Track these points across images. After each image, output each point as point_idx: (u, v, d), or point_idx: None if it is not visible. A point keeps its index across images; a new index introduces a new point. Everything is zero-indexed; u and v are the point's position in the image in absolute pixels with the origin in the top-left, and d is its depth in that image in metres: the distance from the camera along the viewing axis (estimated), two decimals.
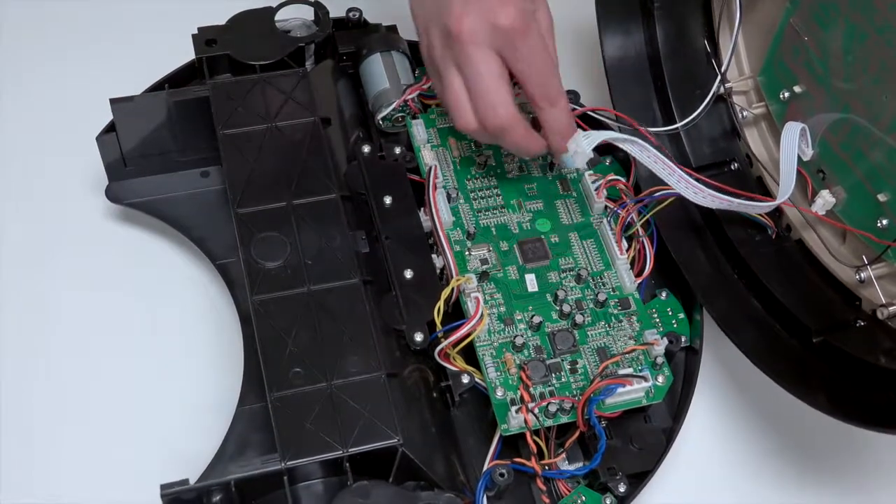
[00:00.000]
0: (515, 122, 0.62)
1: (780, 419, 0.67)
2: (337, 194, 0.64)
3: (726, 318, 0.64)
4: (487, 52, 0.60)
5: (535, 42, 0.60)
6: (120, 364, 0.67)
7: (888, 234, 0.58)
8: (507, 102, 0.61)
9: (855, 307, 0.63)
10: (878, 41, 0.55)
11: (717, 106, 0.70)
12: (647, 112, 0.71)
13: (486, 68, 0.60)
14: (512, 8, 0.59)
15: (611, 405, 0.61)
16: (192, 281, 0.70)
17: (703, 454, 0.66)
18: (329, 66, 0.73)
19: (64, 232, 0.72)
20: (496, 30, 0.59)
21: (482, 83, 0.61)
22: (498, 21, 0.59)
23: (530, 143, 0.63)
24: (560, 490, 0.60)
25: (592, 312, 0.64)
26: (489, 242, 0.67)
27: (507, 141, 0.63)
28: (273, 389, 0.57)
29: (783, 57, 0.63)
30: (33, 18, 0.82)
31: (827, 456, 0.67)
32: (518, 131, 0.62)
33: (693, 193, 0.63)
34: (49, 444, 0.64)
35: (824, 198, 0.62)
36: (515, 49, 0.60)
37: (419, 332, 0.61)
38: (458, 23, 0.60)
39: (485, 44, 0.60)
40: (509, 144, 0.63)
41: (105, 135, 0.68)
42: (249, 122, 0.67)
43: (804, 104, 0.63)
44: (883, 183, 0.58)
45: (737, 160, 0.70)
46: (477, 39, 0.60)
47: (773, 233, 0.67)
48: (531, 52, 0.60)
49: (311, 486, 0.56)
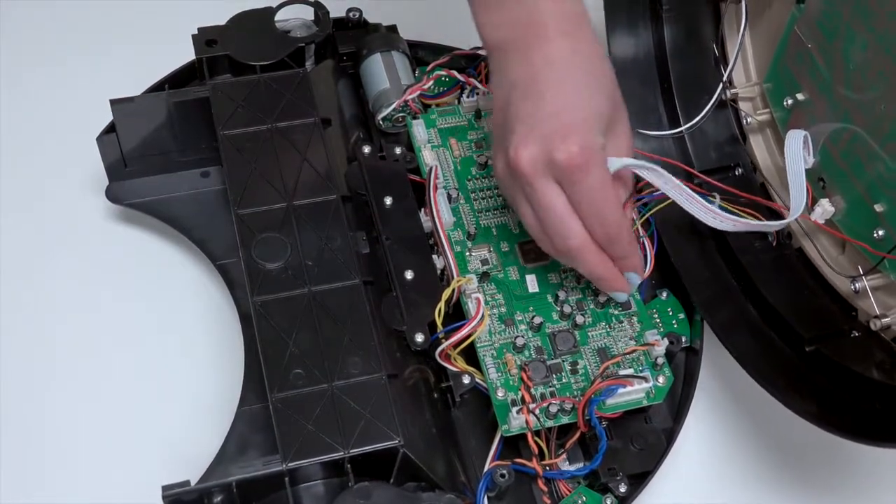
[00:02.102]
0: (588, 250, 0.59)
1: (781, 420, 0.67)
2: (337, 195, 0.64)
3: (722, 324, 0.64)
4: (549, 184, 0.58)
5: (593, 180, 0.57)
6: (120, 365, 0.67)
7: (884, 244, 0.58)
8: (578, 233, 0.58)
9: (851, 318, 0.63)
10: (878, 49, 0.55)
11: (723, 111, 0.70)
12: (653, 114, 0.71)
13: (550, 200, 0.58)
14: (573, 143, 0.56)
15: (611, 406, 0.61)
16: (193, 281, 0.70)
17: (704, 455, 0.66)
18: (329, 66, 0.73)
19: (64, 232, 0.72)
20: (553, 164, 0.57)
21: (548, 216, 0.58)
22: (555, 156, 0.56)
23: (605, 269, 0.61)
24: (561, 490, 0.60)
25: (593, 313, 0.64)
26: (490, 243, 0.67)
27: (581, 268, 0.61)
28: (274, 390, 0.57)
29: (788, 64, 0.63)
30: (33, 19, 0.82)
31: (827, 457, 0.67)
32: (590, 259, 0.60)
33: (712, 219, 0.63)
34: (50, 445, 0.64)
35: (824, 206, 0.62)
36: (573, 185, 0.57)
37: (420, 332, 0.61)
38: (516, 154, 0.57)
39: (545, 176, 0.58)
40: (584, 272, 0.61)
41: (105, 135, 0.68)
42: (250, 123, 0.67)
43: (807, 112, 0.63)
44: (880, 193, 0.58)
45: (741, 165, 0.70)
46: (537, 172, 0.57)
47: (774, 240, 0.67)
48: (589, 190, 0.57)
49: (313, 487, 0.56)
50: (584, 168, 0.56)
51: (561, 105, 0.57)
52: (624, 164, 0.60)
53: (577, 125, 0.57)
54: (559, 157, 0.56)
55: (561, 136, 0.56)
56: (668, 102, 0.71)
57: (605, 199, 0.58)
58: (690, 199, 0.63)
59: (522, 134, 0.57)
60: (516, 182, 0.59)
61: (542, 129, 0.57)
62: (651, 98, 0.71)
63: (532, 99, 0.58)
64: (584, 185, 0.57)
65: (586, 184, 0.57)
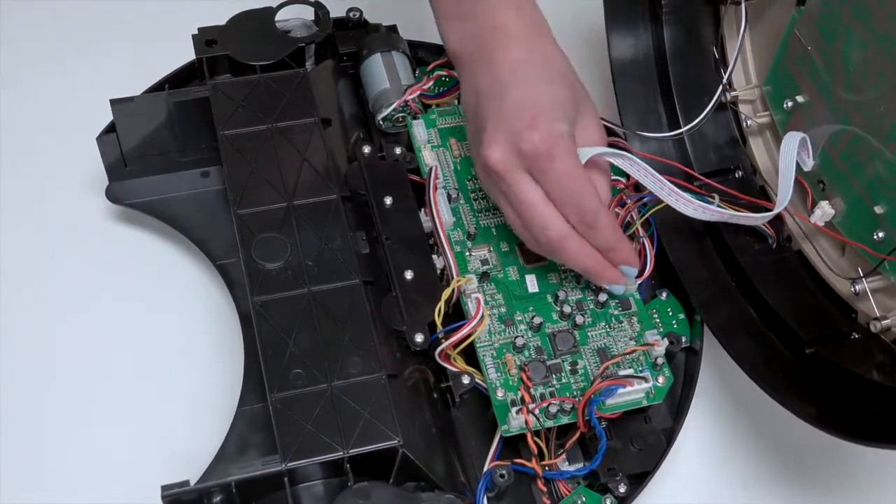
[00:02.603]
0: (570, 240, 0.60)
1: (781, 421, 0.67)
2: (337, 195, 0.64)
3: (721, 326, 0.64)
4: (523, 177, 0.59)
5: (561, 166, 0.58)
6: (120, 364, 0.67)
7: (884, 246, 0.58)
8: (556, 223, 0.59)
9: (851, 320, 0.63)
10: (878, 50, 0.55)
11: (723, 113, 0.70)
12: (653, 116, 0.71)
13: (525, 193, 0.59)
14: (536, 132, 0.57)
15: (611, 406, 0.61)
16: (193, 281, 0.70)
17: (704, 455, 0.66)
18: (329, 66, 0.73)
19: (64, 232, 0.72)
20: (522, 155, 0.58)
21: (524, 209, 0.59)
22: (522, 147, 0.58)
23: (592, 261, 0.61)
24: (560, 491, 0.60)
25: (593, 313, 0.64)
26: (489, 243, 0.67)
27: (566, 259, 0.61)
28: (274, 390, 0.57)
29: (788, 66, 0.63)
30: (33, 19, 0.82)
31: (827, 457, 0.67)
32: (574, 249, 0.60)
33: (684, 206, 0.63)
34: (50, 445, 0.64)
35: (823, 209, 0.62)
36: (543, 173, 0.58)
37: (420, 332, 0.61)
38: (487, 152, 0.59)
39: (517, 169, 0.59)
40: (571, 264, 0.61)
41: (105, 135, 0.68)
42: (250, 123, 0.67)
43: (807, 114, 0.63)
44: (880, 195, 0.58)
45: (741, 168, 0.69)
46: (508, 167, 0.58)
47: (774, 242, 0.67)
48: (558, 177, 0.58)
49: (312, 487, 0.56)
50: (550, 154, 0.58)
51: (523, 99, 0.59)
52: (594, 152, 0.61)
53: (540, 115, 0.58)
54: (525, 147, 0.58)
55: (526, 128, 0.58)
56: (667, 104, 0.71)
57: (578, 186, 0.59)
58: (665, 187, 0.63)
59: (490, 133, 0.59)
60: (493, 182, 0.60)
61: (507, 125, 0.58)
62: (651, 100, 0.71)
63: (497, 99, 0.59)
64: (553, 172, 0.58)
65: (555, 171, 0.58)
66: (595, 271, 0.62)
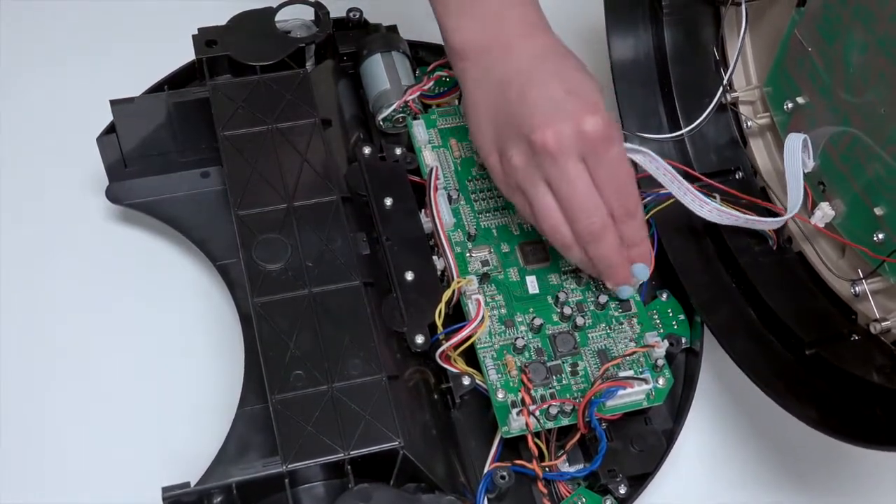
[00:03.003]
0: (610, 230, 0.60)
1: (781, 422, 0.67)
2: (337, 196, 0.64)
3: (721, 327, 0.64)
4: (576, 162, 0.59)
5: (618, 151, 0.59)
6: (120, 365, 0.67)
7: (884, 248, 0.58)
8: (602, 210, 0.59)
9: (851, 321, 0.63)
10: (878, 52, 0.55)
11: (723, 115, 0.70)
12: (654, 117, 0.71)
13: (578, 176, 0.59)
14: (599, 116, 0.58)
15: (611, 407, 0.61)
16: (193, 282, 0.70)
17: (704, 456, 0.66)
18: (329, 66, 0.73)
19: (64, 232, 0.72)
20: (582, 137, 0.58)
21: (576, 192, 0.59)
22: (585, 128, 0.58)
23: (620, 257, 0.61)
24: (561, 492, 0.60)
25: (593, 314, 0.64)
26: (490, 244, 0.66)
27: (600, 251, 0.61)
28: (274, 392, 0.57)
29: (788, 67, 0.63)
30: (33, 19, 0.82)
31: (827, 459, 0.67)
32: (610, 240, 0.60)
33: (699, 207, 0.64)
34: (50, 446, 0.64)
35: (823, 210, 0.62)
36: (599, 158, 0.58)
37: (420, 334, 0.61)
38: (542, 134, 0.58)
39: (573, 153, 0.58)
40: (601, 256, 0.61)
41: (105, 136, 0.68)
42: (250, 124, 0.67)
43: (807, 115, 0.63)
44: (880, 197, 0.58)
45: (741, 169, 0.70)
46: (565, 149, 0.58)
47: (774, 244, 0.67)
48: (613, 161, 0.59)
49: (313, 488, 0.56)
50: (610, 139, 0.58)
51: (573, 86, 0.59)
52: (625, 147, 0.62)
53: (596, 101, 0.59)
54: (588, 128, 0.58)
55: (589, 112, 0.58)
56: (668, 105, 0.71)
57: (628, 173, 0.60)
58: (682, 187, 0.63)
59: (545, 115, 0.58)
60: (537, 166, 0.59)
61: (565, 108, 0.58)
62: (651, 101, 0.71)
63: (538, 86, 0.59)
64: (609, 157, 0.59)
65: (611, 156, 0.59)
66: (618, 268, 0.62)
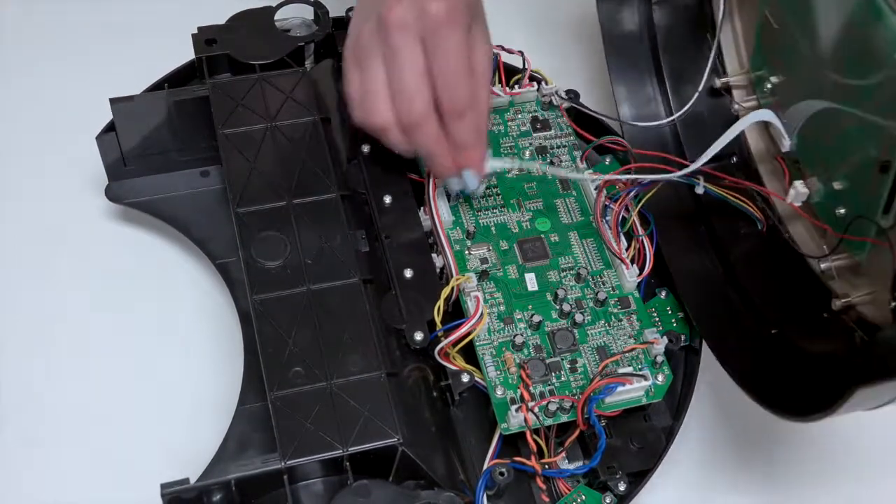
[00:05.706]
0: (430, 119, 0.60)
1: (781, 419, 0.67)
2: (337, 193, 0.64)
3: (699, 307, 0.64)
4: (413, 42, 0.59)
5: (456, 40, 0.59)
6: (120, 363, 0.67)
7: (844, 223, 0.58)
8: (424, 96, 0.60)
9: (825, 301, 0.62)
10: (833, 21, 0.55)
11: (716, 99, 0.70)
12: (646, 102, 0.71)
13: (410, 59, 0.59)
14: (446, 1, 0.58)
15: (611, 404, 0.61)
16: (192, 280, 0.70)
17: (703, 453, 0.66)
18: (329, 65, 0.73)
19: (64, 232, 0.72)
20: (424, 15, 0.58)
21: (404, 73, 0.59)
22: (427, 7, 0.58)
23: (440, 147, 0.61)
24: (560, 489, 0.60)
25: (592, 311, 0.64)
26: (489, 242, 0.67)
27: (419, 140, 0.61)
28: (273, 389, 0.57)
29: (764, 48, 0.63)
30: (33, 18, 0.82)
31: (828, 454, 0.67)
32: (429, 130, 0.60)
33: None
34: (49, 444, 0.64)
35: (797, 189, 0.62)
36: (436, 42, 0.59)
37: (419, 331, 0.61)
38: (389, 10, 0.59)
39: (412, 31, 0.59)
40: (421, 145, 0.61)
41: (105, 134, 0.68)
42: (249, 122, 0.67)
43: (783, 94, 0.63)
44: (838, 172, 0.57)
45: (735, 153, 0.69)
46: (405, 25, 0.59)
47: (763, 226, 0.67)
48: (449, 50, 0.59)
49: (311, 485, 0.56)
50: (451, 24, 0.59)
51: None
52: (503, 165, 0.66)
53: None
54: (431, 8, 0.58)
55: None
56: (661, 89, 0.71)
57: (463, 66, 0.59)
58: None
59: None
60: (378, 40, 0.60)
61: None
62: (644, 85, 0.71)
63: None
64: (447, 43, 0.59)
65: (449, 43, 0.59)
66: (438, 160, 0.62)
